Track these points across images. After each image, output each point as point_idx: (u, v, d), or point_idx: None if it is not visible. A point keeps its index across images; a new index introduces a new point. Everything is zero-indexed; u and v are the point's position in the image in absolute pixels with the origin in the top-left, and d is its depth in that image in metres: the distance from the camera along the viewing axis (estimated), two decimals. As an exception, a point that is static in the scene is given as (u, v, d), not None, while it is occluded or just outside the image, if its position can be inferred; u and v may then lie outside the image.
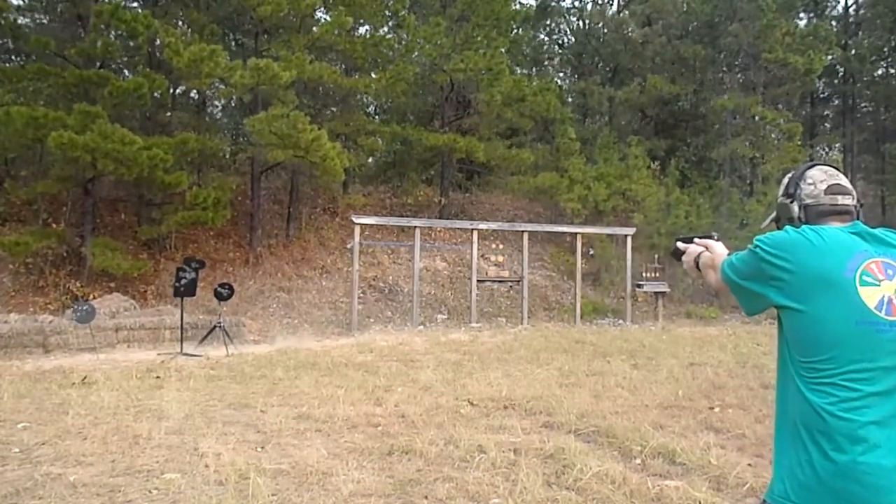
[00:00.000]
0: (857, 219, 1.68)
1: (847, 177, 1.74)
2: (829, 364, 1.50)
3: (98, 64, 14.47)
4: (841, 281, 1.51)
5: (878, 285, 1.52)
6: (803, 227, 1.61)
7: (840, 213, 1.67)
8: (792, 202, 1.73)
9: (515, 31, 22.16)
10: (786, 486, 1.54)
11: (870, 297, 1.50)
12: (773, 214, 1.84)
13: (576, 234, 15.98)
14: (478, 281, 14.67)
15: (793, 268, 1.53)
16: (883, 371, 1.48)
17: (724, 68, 22.35)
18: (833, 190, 1.69)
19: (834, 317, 1.50)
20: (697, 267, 1.93)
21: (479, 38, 18.39)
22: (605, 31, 26.29)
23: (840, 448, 1.46)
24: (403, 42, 18.41)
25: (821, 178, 1.70)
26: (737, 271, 1.66)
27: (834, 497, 1.46)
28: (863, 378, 1.48)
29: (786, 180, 1.80)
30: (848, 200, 1.68)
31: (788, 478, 1.54)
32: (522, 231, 15.49)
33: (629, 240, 15.69)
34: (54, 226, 14.70)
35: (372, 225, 16.50)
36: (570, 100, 23.37)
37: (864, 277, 1.51)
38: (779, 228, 1.73)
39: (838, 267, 1.52)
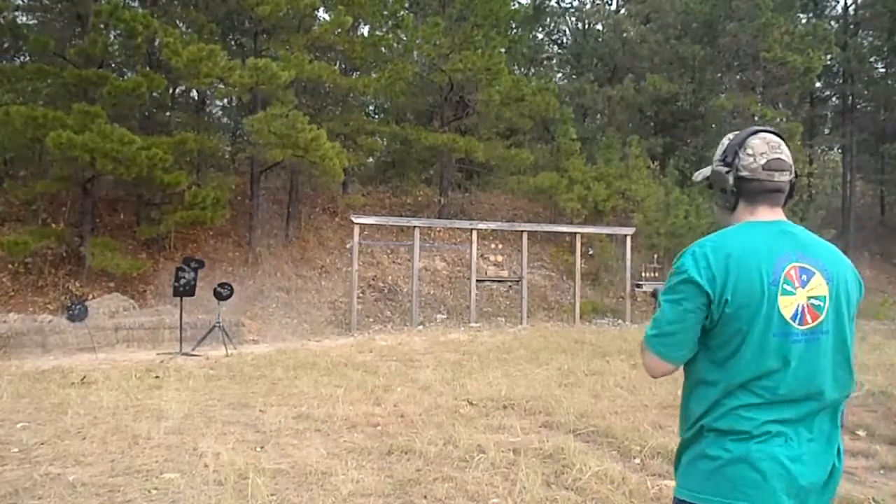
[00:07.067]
0: (791, 196, 1.66)
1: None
2: (741, 370, 1.51)
3: (97, 63, 14.45)
4: (765, 294, 1.51)
5: (795, 294, 1.52)
6: (726, 239, 1.57)
7: (773, 191, 1.62)
8: (728, 172, 1.65)
9: (514, 30, 22.16)
10: (688, 480, 1.57)
11: (787, 307, 1.51)
12: (708, 172, 1.75)
13: (575, 233, 15.99)
14: (477, 281, 14.67)
15: (715, 290, 1.52)
16: (792, 377, 1.50)
17: (723, 68, 22.31)
18: (772, 166, 1.61)
19: (754, 331, 1.51)
20: None
21: (477, 38, 18.38)
22: (604, 30, 26.28)
23: (739, 440, 1.49)
24: (402, 42, 18.41)
25: (761, 151, 1.62)
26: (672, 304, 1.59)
27: (730, 483, 1.48)
28: (771, 385, 1.50)
29: (725, 143, 1.70)
30: (785, 177, 1.63)
31: (691, 471, 1.57)
32: (522, 231, 15.50)
33: (629, 239, 15.70)
34: (53, 225, 14.68)
35: (371, 225, 16.48)
36: (568, 99, 23.31)
37: (785, 286, 1.52)
38: (710, 191, 1.73)
39: (761, 281, 1.51)
